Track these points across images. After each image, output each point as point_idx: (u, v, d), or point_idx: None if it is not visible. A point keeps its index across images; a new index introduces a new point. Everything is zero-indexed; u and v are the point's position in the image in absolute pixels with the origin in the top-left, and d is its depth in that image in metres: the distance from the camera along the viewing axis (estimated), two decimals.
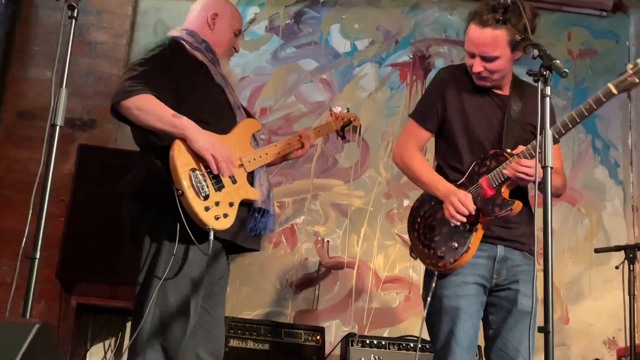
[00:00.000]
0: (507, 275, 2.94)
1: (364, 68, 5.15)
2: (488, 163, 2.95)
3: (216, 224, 2.80)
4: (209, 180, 2.85)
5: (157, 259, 2.83)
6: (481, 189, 2.90)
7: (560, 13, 5.45)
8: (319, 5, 5.18)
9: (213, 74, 3.09)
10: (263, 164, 3.11)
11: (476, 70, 2.94)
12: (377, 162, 5.00)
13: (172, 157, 2.78)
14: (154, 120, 2.82)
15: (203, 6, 3.24)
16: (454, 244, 2.89)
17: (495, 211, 2.86)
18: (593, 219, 5.12)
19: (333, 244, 4.84)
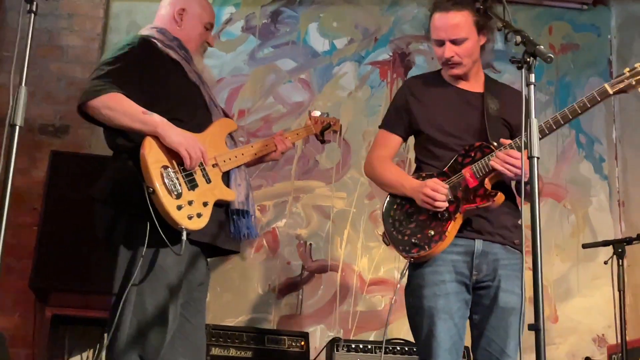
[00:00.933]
0: (488, 271, 2.87)
1: (343, 67, 5.09)
2: (473, 154, 2.90)
3: (189, 224, 2.71)
4: (182, 178, 2.77)
5: (132, 265, 2.74)
6: (464, 179, 2.85)
7: (541, 7, 5.42)
8: (296, 4, 5.11)
9: (187, 71, 3.02)
10: (239, 164, 3.04)
11: (448, 55, 2.95)
12: (359, 163, 4.89)
13: (142, 154, 2.70)
14: (124, 118, 2.74)
15: (170, 2, 3.17)
16: (430, 232, 2.84)
17: (476, 201, 2.81)
18: (579, 215, 5.08)
19: (316, 247, 4.76)
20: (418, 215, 2.91)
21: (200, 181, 2.83)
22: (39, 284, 3.86)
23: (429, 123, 3.02)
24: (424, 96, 3.08)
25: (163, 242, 2.68)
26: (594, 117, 5.22)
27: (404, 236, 2.92)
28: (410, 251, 2.87)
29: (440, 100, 3.05)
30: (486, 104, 3.00)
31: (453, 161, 2.93)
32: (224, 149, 3.02)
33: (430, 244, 2.82)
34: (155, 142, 2.75)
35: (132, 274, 2.72)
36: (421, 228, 2.87)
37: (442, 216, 2.84)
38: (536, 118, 2.17)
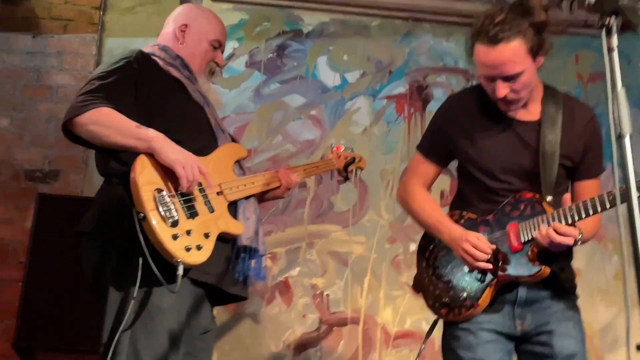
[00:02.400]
0: (535, 319, 2.49)
1: (356, 102, 4.76)
2: (522, 207, 2.51)
3: (187, 256, 2.33)
4: (179, 204, 2.40)
5: (124, 308, 2.34)
6: (507, 239, 2.48)
7: (564, 36, 5.10)
8: (303, 37, 4.82)
9: (191, 91, 2.70)
10: (248, 194, 2.69)
11: (501, 95, 2.46)
12: (377, 204, 4.57)
13: (132, 175, 2.34)
14: (114, 134, 2.40)
15: (174, 18, 2.91)
16: (463, 294, 2.51)
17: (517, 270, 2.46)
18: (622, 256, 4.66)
19: (334, 298, 4.36)
20: (453, 267, 2.58)
21: (201, 209, 2.46)
22: (24, 344, 3.52)
23: (473, 161, 2.62)
24: (468, 125, 2.63)
25: (158, 281, 2.29)
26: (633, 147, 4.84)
27: (436, 289, 2.60)
28: (439, 310, 2.59)
29: (488, 133, 2.59)
30: (542, 139, 2.53)
31: (500, 210, 2.55)
32: (231, 176, 2.67)
33: (461, 309, 2.50)
34: (149, 161, 2.40)
35: (123, 317, 2.32)
36: (454, 285, 2.55)
37: (478, 279, 2.50)
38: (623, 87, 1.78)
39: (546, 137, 2.53)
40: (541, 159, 2.51)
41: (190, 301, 2.46)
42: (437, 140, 2.73)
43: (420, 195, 2.73)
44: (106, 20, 4.53)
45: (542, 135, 2.53)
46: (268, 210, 4.39)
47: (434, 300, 2.59)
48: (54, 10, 4.47)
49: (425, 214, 2.68)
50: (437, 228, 2.61)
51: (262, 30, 4.78)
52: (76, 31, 4.47)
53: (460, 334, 2.51)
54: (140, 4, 4.61)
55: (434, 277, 2.61)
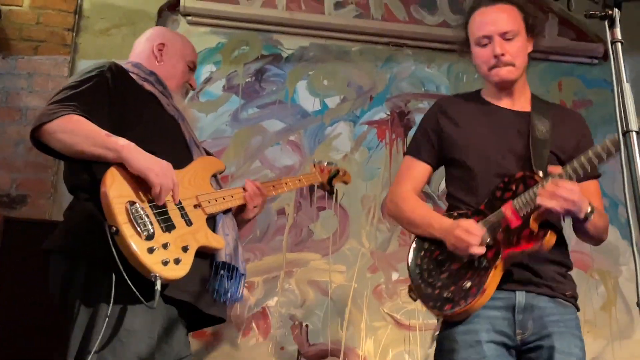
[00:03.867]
0: (535, 328, 2.36)
1: (336, 127, 4.68)
2: (514, 187, 2.43)
3: (164, 270, 2.19)
4: (154, 217, 2.27)
5: (92, 327, 2.20)
6: (504, 218, 2.37)
7: (547, 62, 5.12)
8: (282, 61, 4.74)
9: (164, 104, 2.61)
10: (226, 207, 2.57)
11: (499, 51, 2.52)
12: (358, 231, 4.46)
13: (103, 187, 2.22)
14: (83, 142, 2.29)
15: (148, 38, 2.85)
16: (467, 283, 2.37)
17: (520, 244, 2.32)
18: (609, 286, 4.59)
19: (313, 329, 4.21)
20: (450, 264, 2.46)
21: (178, 222, 2.34)
22: None
23: (464, 147, 2.59)
24: (458, 116, 2.66)
25: (130, 297, 2.16)
26: (615, 179, 4.80)
27: (435, 289, 2.46)
28: (442, 308, 2.41)
29: (478, 120, 2.62)
30: (533, 126, 2.53)
31: (491, 196, 2.47)
32: (209, 189, 2.56)
33: (467, 299, 2.34)
34: (120, 173, 2.28)
35: (90, 338, 2.18)
36: (455, 279, 2.42)
37: (479, 264, 2.37)
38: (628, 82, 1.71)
39: (536, 125, 2.54)
40: (531, 143, 2.49)
41: (163, 323, 2.33)
42: (427, 138, 2.69)
43: (411, 198, 2.66)
44: (79, 42, 4.43)
45: (533, 123, 2.54)
46: (245, 237, 4.26)
47: (435, 300, 2.44)
48: (25, 31, 4.35)
49: (415, 214, 2.61)
50: (428, 223, 2.54)
51: (240, 54, 4.70)
52: (48, 53, 4.35)
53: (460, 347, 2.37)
54: (115, 26, 4.51)
55: (431, 278, 2.49)
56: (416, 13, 5.05)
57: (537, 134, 2.52)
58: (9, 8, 4.34)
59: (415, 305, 4.31)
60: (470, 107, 2.68)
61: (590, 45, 5.11)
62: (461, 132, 2.62)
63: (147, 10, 4.51)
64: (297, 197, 4.44)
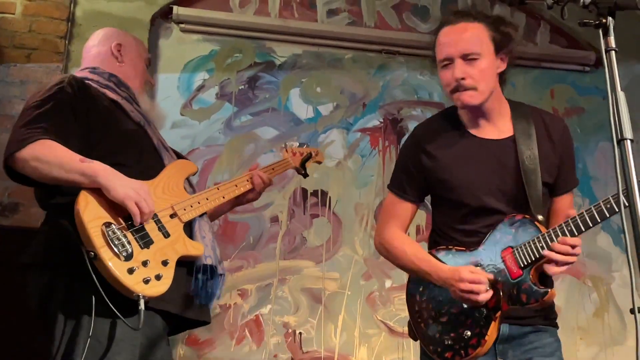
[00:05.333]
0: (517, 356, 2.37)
1: (329, 135, 4.68)
2: (513, 231, 2.37)
3: (146, 289, 2.19)
4: (131, 235, 2.25)
5: (75, 340, 2.18)
6: (504, 265, 2.34)
7: (540, 70, 5.15)
8: (275, 68, 4.74)
9: (129, 111, 2.57)
10: (202, 212, 2.55)
11: (458, 75, 2.38)
12: (351, 239, 4.46)
13: (77, 211, 2.19)
14: (58, 169, 2.24)
15: (102, 40, 2.78)
16: (467, 332, 2.34)
17: (522, 299, 2.28)
18: (601, 292, 4.61)
19: (306, 337, 4.20)
20: (450, 307, 2.41)
21: (155, 236, 2.32)
22: None
23: (450, 189, 2.49)
24: (438, 152, 2.52)
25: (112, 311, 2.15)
26: (607, 184, 4.82)
27: (435, 333, 2.41)
28: (443, 355, 2.38)
29: (461, 157, 2.49)
30: (521, 156, 2.43)
31: (490, 238, 2.41)
32: (183, 195, 2.53)
33: (467, 349, 2.33)
34: (93, 196, 2.25)
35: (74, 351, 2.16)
36: (455, 325, 2.38)
37: (480, 313, 2.34)
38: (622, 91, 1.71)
39: (524, 153, 2.43)
40: (524, 178, 2.41)
41: (146, 331, 2.30)
42: (409, 177, 2.59)
43: (398, 239, 2.57)
44: (72, 50, 4.41)
45: (520, 152, 2.43)
46: (238, 245, 4.26)
47: (435, 344, 2.41)
48: (18, 38, 4.34)
49: (407, 258, 2.51)
50: (423, 271, 2.45)
51: (233, 62, 4.70)
52: (40, 60, 4.33)
53: None
54: None
55: (430, 320, 2.44)
56: (408, 20, 5.06)
57: (527, 164, 2.43)
58: (2, 16, 4.33)
59: None
60: (449, 140, 2.54)
61: (582, 53, 5.13)
62: (445, 172, 2.51)
63: (140, 18, 4.50)
64: (291, 205, 4.44)
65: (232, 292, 4.16)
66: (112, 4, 4.52)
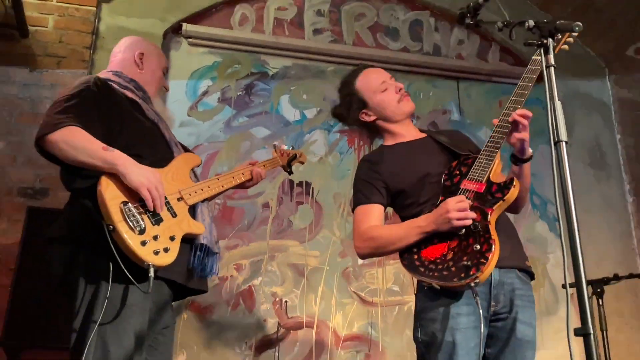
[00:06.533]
0: (505, 302, 2.30)
1: (313, 135, 4.66)
2: (458, 172, 2.40)
3: (156, 259, 2.17)
4: (144, 213, 2.24)
5: (94, 302, 2.16)
6: (468, 191, 2.30)
7: (491, 84, 5.16)
8: (269, 78, 4.72)
9: (145, 110, 2.55)
10: (205, 197, 2.53)
11: (400, 85, 2.68)
12: (330, 223, 4.44)
13: (99, 191, 2.18)
14: (83, 154, 2.22)
15: (127, 47, 2.75)
16: (476, 246, 2.19)
17: (497, 196, 2.25)
18: (538, 271, 4.62)
19: (291, 304, 4.18)
20: (448, 245, 2.26)
21: (165, 215, 2.30)
22: (10, 342, 3.23)
23: (404, 176, 2.51)
24: (385, 158, 2.60)
25: (127, 279, 2.14)
26: (544, 180, 4.84)
27: (450, 269, 2.21)
28: (468, 274, 2.14)
29: (401, 155, 2.58)
30: (439, 140, 2.59)
31: (443, 190, 2.41)
32: (189, 182, 2.52)
33: (484, 256, 2.15)
34: (112, 180, 2.23)
35: (93, 311, 2.15)
36: (462, 251, 2.22)
37: (475, 228, 2.23)
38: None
39: (440, 139, 2.59)
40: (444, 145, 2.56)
41: (154, 298, 2.29)
42: (371, 185, 2.55)
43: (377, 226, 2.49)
44: (96, 59, 4.36)
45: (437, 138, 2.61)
46: (235, 227, 4.24)
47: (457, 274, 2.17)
48: (50, 48, 4.29)
49: (393, 231, 2.40)
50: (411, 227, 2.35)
51: (233, 72, 4.67)
52: (68, 67, 4.28)
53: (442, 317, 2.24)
54: None
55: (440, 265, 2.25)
56: (381, 40, 5.05)
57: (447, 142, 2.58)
58: (36, 29, 4.27)
59: (377, 285, 4.32)
60: (389, 151, 2.63)
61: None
62: (395, 166, 2.55)
63: (154, 32, 4.46)
64: (280, 193, 4.42)
65: (229, 266, 4.14)
66: (130, 20, 4.47)
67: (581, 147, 5.12)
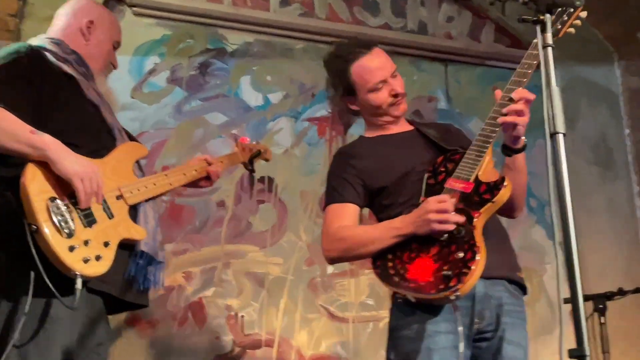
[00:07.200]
0: (491, 318, 2.32)
1: (278, 122, 4.64)
2: (443, 169, 2.44)
3: (85, 268, 2.15)
4: (75, 212, 2.20)
5: (12, 319, 2.12)
6: (453, 191, 2.33)
7: (483, 67, 5.20)
8: (227, 55, 4.68)
9: (84, 88, 2.50)
10: (149, 196, 2.51)
11: (401, 89, 2.67)
12: (296, 225, 4.44)
13: (22, 183, 2.13)
14: (6, 138, 2.17)
15: (75, 12, 2.69)
16: (458, 254, 2.21)
17: (485, 198, 2.28)
18: (534, 283, 4.68)
19: (248, 319, 4.16)
20: (426, 253, 2.28)
21: (99, 216, 2.27)
22: None
23: (383, 173, 2.55)
24: (363, 152, 2.65)
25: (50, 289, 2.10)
26: (543, 179, 4.89)
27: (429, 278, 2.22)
28: (449, 285, 2.15)
29: (383, 150, 2.63)
30: (427, 133, 2.66)
31: (425, 188, 2.43)
32: (132, 177, 2.49)
33: (467, 265, 2.17)
34: (40, 170, 2.19)
35: (11, 329, 2.11)
36: (443, 257, 2.24)
37: (458, 233, 2.25)
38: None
39: (429, 133, 2.66)
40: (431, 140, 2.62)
41: (85, 310, 2.27)
42: (346, 182, 2.61)
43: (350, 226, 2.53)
44: (23, 28, 4.27)
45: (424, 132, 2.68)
46: (184, 228, 4.20)
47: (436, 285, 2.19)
48: None
49: (365, 233, 2.46)
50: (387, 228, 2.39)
51: (185, 47, 4.62)
52: None
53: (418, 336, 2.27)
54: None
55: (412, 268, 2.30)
56: (359, 14, 5.05)
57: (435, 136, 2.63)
58: None
59: (350, 298, 4.33)
60: (369, 144, 2.71)
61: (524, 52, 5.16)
62: (375, 162, 2.60)
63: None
64: (238, 190, 4.39)
65: (176, 274, 4.10)
66: None
67: (585, 143, 5.18)
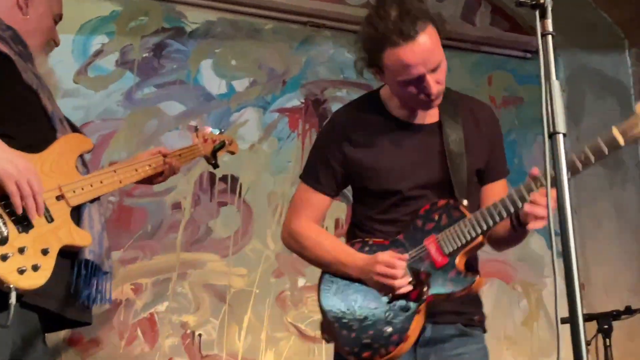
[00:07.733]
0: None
1: (244, 113, 4.62)
2: (436, 217, 2.42)
3: (20, 280, 2.11)
4: (7, 216, 2.16)
5: None
6: (427, 254, 2.37)
7: (479, 54, 5.21)
8: (185, 36, 4.63)
9: (21, 71, 2.45)
10: (95, 196, 2.47)
11: (436, 90, 2.39)
12: (262, 231, 4.42)
13: None
14: None
15: None
16: (387, 328, 2.34)
17: (448, 288, 2.32)
18: (532, 299, 4.71)
19: (207, 338, 4.13)
20: (368, 302, 2.41)
21: (37, 220, 2.23)
22: None
23: (377, 179, 2.53)
24: (363, 140, 2.57)
25: None
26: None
27: (351, 331, 2.40)
28: (360, 355, 2.36)
29: (388, 142, 2.55)
30: (446, 139, 2.51)
31: (411, 226, 2.44)
32: (74, 174, 2.44)
33: (387, 347, 2.32)
34: None
35: None
36: (374, 322, 2.37)
37: (402, 307, 2.35)
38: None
39: (449, 136, 2.51)
40: (449, 161, 2.48)
41: (19, 329, 2.22)
42: (326, 168, 2.61)
43: (312, 230, 2.60)
44: None
45: (445, 135, 2.51)
46: (133, 234, 4.15)
47: (351, 344, 2.39)
48: None
49: (320, 250, 2.55)
50: (339, 261, 2.48)
51: (137, 26, 4.57)
52: None
53: None
54: None
55: (345, 319, 2.43)
56: None
57: (451, 147, 2.50)
58: None
59: None
60: (374, 126, 2.58)
61: (525, 38, 5.20)
62: (371, 158, 2.55)
63: None
64: (196, 190, 4.35)
65: (124, 286, 4.06)
66: None
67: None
